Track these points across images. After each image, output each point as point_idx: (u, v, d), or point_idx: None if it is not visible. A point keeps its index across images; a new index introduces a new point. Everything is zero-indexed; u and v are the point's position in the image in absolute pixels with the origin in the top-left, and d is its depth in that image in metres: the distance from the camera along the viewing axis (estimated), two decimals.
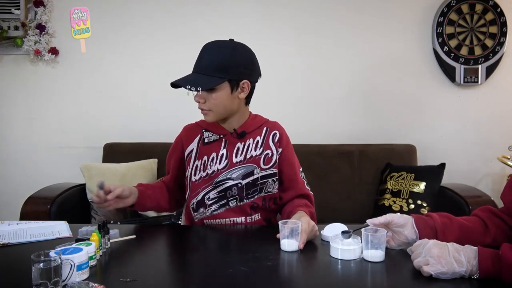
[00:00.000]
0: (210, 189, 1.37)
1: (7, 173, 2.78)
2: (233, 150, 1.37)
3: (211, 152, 1.37)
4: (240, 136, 1.37)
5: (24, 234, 1.22)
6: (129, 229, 1.31)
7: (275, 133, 1.41)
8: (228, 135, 1.38)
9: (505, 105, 2.82)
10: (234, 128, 1.37)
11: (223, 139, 1.38)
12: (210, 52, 1.31)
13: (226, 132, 1.38)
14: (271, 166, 1.38)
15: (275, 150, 1.39)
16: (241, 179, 1.35)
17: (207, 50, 1.32)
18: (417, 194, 2.37)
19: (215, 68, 1.28)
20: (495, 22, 2.73)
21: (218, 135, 1.38)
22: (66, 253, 0.90)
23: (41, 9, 2.66)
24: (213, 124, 1.39)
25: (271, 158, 1.38)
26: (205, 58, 1.30)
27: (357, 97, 2.81)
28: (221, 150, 1.37)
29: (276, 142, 1.40)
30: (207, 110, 1.31)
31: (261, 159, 1.37)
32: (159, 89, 2.77)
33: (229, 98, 1.30)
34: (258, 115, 1.46)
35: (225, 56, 1.29)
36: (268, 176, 1.37)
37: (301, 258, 1.07)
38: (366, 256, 1.01)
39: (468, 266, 0.88)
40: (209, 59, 1.30)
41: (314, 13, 2.77)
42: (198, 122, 1.47)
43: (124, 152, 2.60)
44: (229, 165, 1.36)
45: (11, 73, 2.74)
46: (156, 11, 2.74)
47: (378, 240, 1.00)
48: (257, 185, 1.36)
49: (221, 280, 0.95)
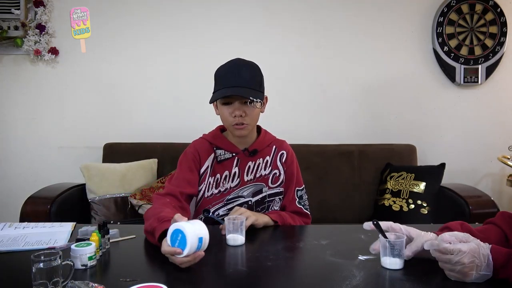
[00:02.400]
0: (221, 206, 1.39)
1: (7, 173, 2.78)
2: (245, 168, 1.40)
3: (224, 170, 1.39)
4: (252, 154, 1.40)
5: (20, 241, 1.19)
6: (129, 229, 1.31)
7: (282, 153, 1.46)
8: (240, 154, 1.40)
9: (505, 105, 2.82)
10: (246, 148, 1.40)
11: (236, 158, 1.40)
12: (246, 68, 1.32)
13: (238, 151, 1.40)
14: (278, 185, 1.43)
15: (282, 170, 1.44)
16: (251, 197, 1.40)
17: (242, 66, 1.32)
18: (417, 194, 2.37)
19: (255, 83, 1.31)
20: (495, 22, 2.73)
21: (231, 153, 1.40)
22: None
23: (41, 9, 2.65)
24: (224, 142, 1.40)
25: (278, 178, 1.43)
26: (244, 73, 1.31)
27: (357, 97, 2.81)
28: (233, 168, 1.39)
29: (284, 162, 1.45)
30: (246, 124, 1.32)
31: (269, 179, 1.43)
32: (159, 89, 2.77)
33: (259, 113, 1.37)
34: (267, 132, 1.49)
35: (258, 73, 1.35)
36: (275, 195, 1.43)
37: (302, 259, 1.07)
38: (384, 263, 0.99)
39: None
40: (249, 74, 1.31)
41: (314, 13, 2.77)
42: (206, 138, 1.44)
43: (124, 152, 2.60)
44: (241, 183, 1.39)
45: (11, 73, 2.74)
46: (156, 11, 2.74)
47: (399, 247, 0.97)
48: (264, 202, 1.41)
49: (221, 280, 0.95)
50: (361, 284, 0.90)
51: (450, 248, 0.89)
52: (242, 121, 1.31)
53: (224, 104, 1.32)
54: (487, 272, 0.88)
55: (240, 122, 1.31)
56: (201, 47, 2.75)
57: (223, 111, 1.33)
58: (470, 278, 0.88)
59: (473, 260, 0.87)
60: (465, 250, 0.88)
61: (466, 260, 0.87)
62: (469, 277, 0.88)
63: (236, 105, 1.30)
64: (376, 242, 1.02)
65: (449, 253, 0.90)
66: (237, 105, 1.30)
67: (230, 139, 1.41)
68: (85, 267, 0.98)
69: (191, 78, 2.75)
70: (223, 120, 1.36)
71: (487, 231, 1.06)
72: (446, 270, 0.92)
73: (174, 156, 2.59)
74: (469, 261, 0.87)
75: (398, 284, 0.92)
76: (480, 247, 0.89)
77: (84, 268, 0.98)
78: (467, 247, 0.88)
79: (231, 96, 1.29)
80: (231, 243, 1.15)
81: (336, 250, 1.12)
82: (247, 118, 1.32)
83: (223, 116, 1.34)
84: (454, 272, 0.89)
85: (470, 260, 0.87)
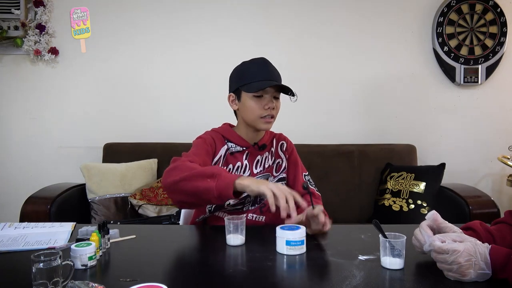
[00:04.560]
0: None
1: (7, 173, 2.78)
2: (253, 161, 1.43)
3: (236, 162, 1.41)
4: (261, 148, 1.44)
5: (20, 241, 1.20)
6: (129, 229, 1.31)
7: (282, 143, 1.51)
8: (250, 148, 1.43)
9: (505, 105, 2.82)
10: (256, 142, 1.44)
11: (246, 151, 1.43)
12: (273, 66, 1.40)
13: (248, 145, 1.43)
14: (281, 172, 1.48)
15: (284, 157, 1.49)
16: None
17: (270, 63, 1.40)
18: (417, 194, 2.37)
19: (281, 79, 1.40)
20: (495, 22, 2.73)
21: (241, 147, 1.42)
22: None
23: (41, 9, 2.65)
24: (235, 136, 1.42)
25: (281, 166, 1.48)
26: (273, 69, 1.39)
27: (357, 97, 2.81)
28: (244, 161, 1.42)
29: (285, 151, 1.51)
30: (274, 118, 1.39)
31: (274, 168, 1.46)
32: (159, 89, 2.77)
33: None
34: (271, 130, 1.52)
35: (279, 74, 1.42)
36: (279, 181, 1.46)
37: (303, 259, 1.07)
38: (384, 263, 0.98)
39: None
40: (277, 71, 1.40)
41: (315, 14, 2.77)
42: (218, 131, 1.45)
43: (124, 152, 2.60)
44: (251, 175, 1.42)
45: (11, 73, 2.74)
46: (156, 11, 2.74)
47: (399, 247, 0.97)
48: None
49: (221, 280, 0.95)
50: (361, 284, 0.90)
51: (445, 247, 0.90)
52: (272, 113, 1.36)
53: (255, 97, 1.35)
54: (485, 270, 0.88)
55: (271, 114, 1.36)
56: (201, 47, 2.75)
57: (252, 103, 1.35)
58: (469, 277, 0.88)
59: (469, 258, 0.88)
60: (460, 249, 0.88)
61: (461, 260, 0.88)
62: (467, 276, 0.88)
63: (269, 98, 1.35)
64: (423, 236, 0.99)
65: (445, 252, 0.90)
66: (270, 98, 1.35)
67: (241, 134, 1.43)
68: (85, 267, 0.98)
69: (191, 78, 2.75)
70: (250, 112, 1.37)
71: (501, 230, 1.06)
72: (445, 271, 0.92)
73: (174, 156, 2.62)
74: (465, 260, 0.88)
75: (398, 284, 0.92)
76: (477, 246, 0.90)
77: (84, 268, 0.98)
78: (463, 247, 0.89)
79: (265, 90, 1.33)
80: (231, 243, 1.15)
81: (336, 250, 1.12)
82: (275, 111, 1.38)
83: (252, 108, 1.36)
84: (452, 272, 0.90)
85: (466, 259, 0.88)
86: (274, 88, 1.35)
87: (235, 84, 1.39)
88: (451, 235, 0.95)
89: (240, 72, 1.40)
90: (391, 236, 0.99)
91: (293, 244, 1.07)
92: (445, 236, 0.95)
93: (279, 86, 1.35)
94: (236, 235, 1.16)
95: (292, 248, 1.07)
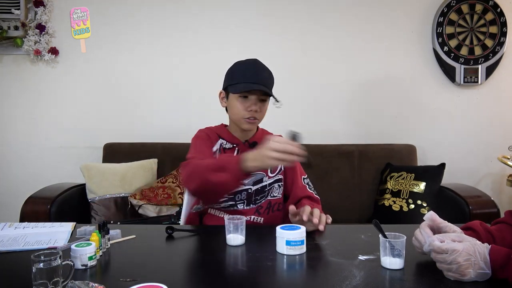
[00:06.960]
0: None
1: (7, 173, 2.78)
2: None
3: None
4: (252, 146, 1.43)
5: (20, 241, 1.20)
6: (129, 229, 1.31)
7: None
8: (241, 145, 1.44)
9: (505, 105, 2.82)
10: (246, 139, 1.44)
11: (236, 148, 1.43)
12: (263, 69, 1.40)
13: (238, 142, 1.44)
14: (277, 173, 1.46)
15: None
16: (252, 185, 1.41)
17: (260, 66, 1.40)
18: (417, 194, 2.37)
19: (270, 83, 1.40)
20: (495, 22, 2.73)
21: (232, 144, 1.43)
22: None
23: (41, 9, 2.65)
24: (227, 134, 1.44)
25: (276, 166, 1.44)
26: (264, 73, 1.39)
27: (357, 97, 2.81)
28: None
29: None
30: (257, 119, 1.39)
31: (268, 168, 1.44)
32: (159, 89, 2.77)
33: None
34: (264, 129, 1.54)
35: (271, 74, 1.42)
36: (274, 182, 1.46)
37: (303, 259, 1.07)
38: (384, 263, 0.98)
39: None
40: (267, 74, 1.39)
41: (315, 14, 2.76)
42: (211, 128, 1.49)
43: (124, 152, 2.60)
44: None
45: (11, 73, 2.74)
46: (157, 11, 2.74)
47: (399, 247, 0.97)
48: (265, 191, 1.43)
49: (221, 280, 0.95)
50: (361, 284, 0.90)
51: (445, 247, 0.90)
52: (255, 115, 1.37)
53: (241, 98, 1.36)
54: (485, 270, 0.88)
55: (254, 116, 1.37)
56: (201, 47, 2.75)
57: (237, 104, 1.37)
58: (469, 277, 0.88)
59: (468, 258, 0.88)
60: (459, 249, 0.89)
61: (461, 259, 0.88)
62: (467, 276, 0.88)
63: (253, 100, 1.36)
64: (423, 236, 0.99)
65: (444, 252, 0.90)
66: (254, 100, 1.36)
67: (231, 131, 1.45)
68: (85, 267, 0.98)
69: (191, 78, 2.75)
70: (235, 112, 1.39)
71: (501, 230, 1.06)
72: (444, 271, 0.92)
73: (174, 156, 2.63)
74: (464, 260, 0.88)
75: (398, 284, 0.92)
76: (476, 246, 0.90)
77: (84, 268, 0.98)
78: (462, 246, 0.89)
79: (250, 91, 1.34)
80: (231, 243, 1.15)
81: (336, 250, 1.12)
82: (259, 114, 1.38)
83: (236, 108, 1.37)
84: (452, 271, 0.90)
85: (465, 258, 0.88)
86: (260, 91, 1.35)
87: (225, 82, 1.43)
88: (450, 235, 0.95)
89: (230, 72, 1.42)
90: (391, 236, 0.99)
91: (293, 244, 1.07)
92: (444, 236, 0.95)
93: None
94: (236, 235, 1.16)
95: (292, 248, 1.07)
